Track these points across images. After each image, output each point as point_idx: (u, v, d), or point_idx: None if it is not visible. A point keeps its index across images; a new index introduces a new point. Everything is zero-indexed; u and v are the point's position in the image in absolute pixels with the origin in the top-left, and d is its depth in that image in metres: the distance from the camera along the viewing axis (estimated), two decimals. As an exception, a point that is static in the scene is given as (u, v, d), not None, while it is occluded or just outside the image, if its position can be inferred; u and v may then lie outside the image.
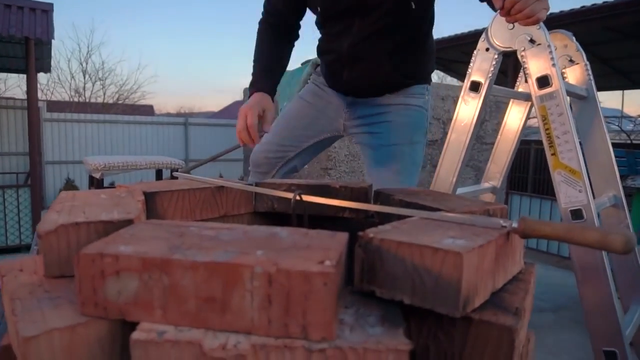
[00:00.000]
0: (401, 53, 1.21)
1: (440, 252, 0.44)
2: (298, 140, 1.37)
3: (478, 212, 0.72)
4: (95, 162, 1.79)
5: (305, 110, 1.40)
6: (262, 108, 1.17)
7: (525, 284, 0.56)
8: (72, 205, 0.63)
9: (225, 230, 0.50)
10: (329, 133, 1.38)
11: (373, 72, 1.25)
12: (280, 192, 0.86)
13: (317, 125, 1.38)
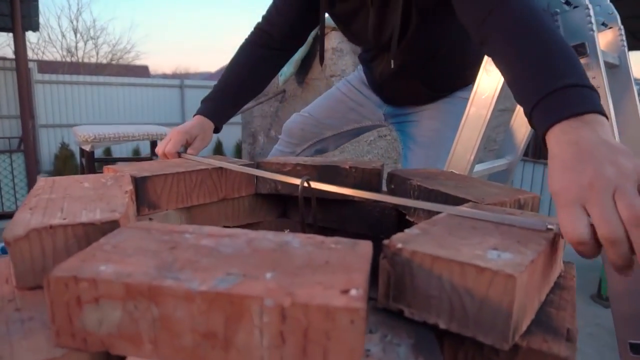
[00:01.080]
0: (437, 78, 1.14)
1: (487, 272, 0.36)
2: (339, 121, 1.32)
3: (509, 203, 0.64)
4: (85, 134, 1.69)
5: (351, 95, 1.33)
6: (193, 136, 1.06)
7: (570, 293, 0.49)
8: (48, 199, 0.55)
9: (225, 238, 0.42)
10: (371, 121, 1.33)
11: (410, 96, 1.20)
12: (288, 178, 0.78)
13: (361, 111, 1.32)
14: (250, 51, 1.14)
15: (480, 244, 0.42)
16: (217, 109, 1.10)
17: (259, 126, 3.87)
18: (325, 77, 2.82)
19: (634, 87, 1.06)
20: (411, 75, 1.15)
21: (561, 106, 0.55)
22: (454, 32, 1.07)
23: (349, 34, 1.16)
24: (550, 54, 0.61)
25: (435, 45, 1.09)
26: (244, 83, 1.12)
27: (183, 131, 1.06)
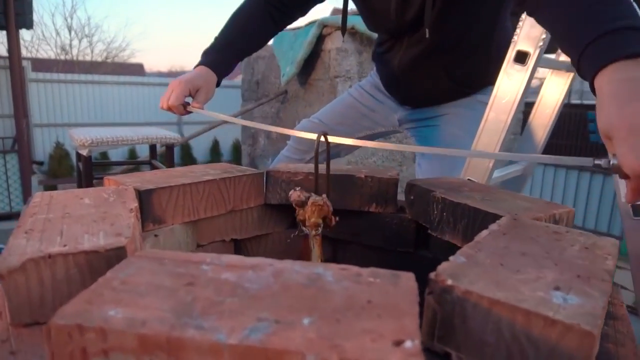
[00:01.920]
0: (460, 66, 1.08)
1: (558, 324, 0.31)
2: (351, 128, 1.27)
3: (543, 218, 0.60)
4: (82, 138, 1.62)
5: (363, 100, 1.28)
6: (196, 87, 1.02)
7: (625, 324, 0.45)
8: (45, 220, 0.50)
9: (249, 271, 0.37)
10: (384, 127, 1.29)
11: (429, 88, 1.13)
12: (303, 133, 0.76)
13: (374, 117, 1.27)
14: (255, 5, 1.12)
15: (538, 279, 0.37)
16: (221, 60, 1.08)
17: (259, 127, 3.80)
18: (329, 77, 2.76)
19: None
20: (435, 60, 1.08)
21: (615, 47, 0.54)
22: (482, 17, 1.04)
23: (369, 12, 1.11)
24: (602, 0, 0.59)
25: (462, 26, 1.03)
26: (248, 36, 1.10)
27: (185, 80, 1.02)
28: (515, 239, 0.47)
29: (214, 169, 0.83)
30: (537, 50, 0.86)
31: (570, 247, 0.47)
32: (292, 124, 3.31)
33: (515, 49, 0.88)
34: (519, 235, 0.48)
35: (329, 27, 2.76)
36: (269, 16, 1.13)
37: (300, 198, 0.70)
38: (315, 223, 0.70)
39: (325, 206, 0.69)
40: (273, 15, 1.13)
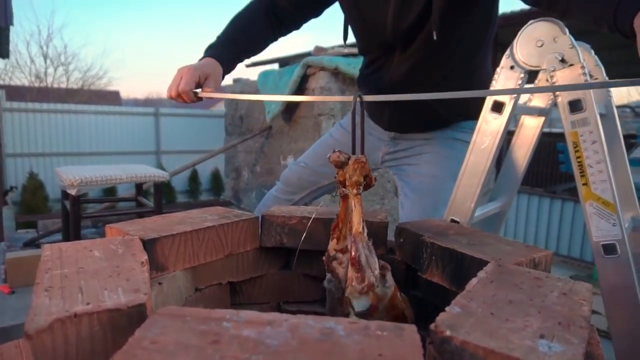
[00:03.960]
0: (447, 88, 1.13)
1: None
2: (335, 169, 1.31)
3: (524, 263, 0.65)
4: (70, 177, 1.62)
5: (344, 140, 1.31)
6: (205, 74, 1.03)
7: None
8: (62, 276, 0.52)
9: (267, 327, 0.41)
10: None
11: (417, 108, 1.14)
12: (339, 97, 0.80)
13: None
14: (256, 12, 1.17)
15: (525, 328, 0.41)
16: (226, 55, 1.09)
17: (243, 161, 3.85)
18: (313, 115, 2.85)
19: (620, 134, 1.11)
20: (425, 75, 1.12)
21: None
22: (472, 34, 1.11)
23: (363, 24, 1.15)
24: None
25: (455, 40, 1.08)
26: (249, 38, 1.15)
27: (194, 67, 1.01)
28: (501, 286, 0.52)
29: (211, 214, 0.87)
30: (512, 101, 0.94)
31: (550, 293, 0.52)
32: (276, 158, 3.36)
33: (492, 99, 0.96)
34: (504, 283, 0.53)
35: (313, 68, 2.87)
36: (270, 25, 1.18)
37: (340, 158, 0.70)
38: (357, 181, 0.69)
39: (367, 164, 0.69)
40: (273, 24, 1.19)
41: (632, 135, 5.39)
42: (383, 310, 0.64)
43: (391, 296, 0.66)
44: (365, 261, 0.64)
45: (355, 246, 0.65)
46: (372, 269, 0.65)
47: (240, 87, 4.06)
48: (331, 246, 0.75)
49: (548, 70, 0.89)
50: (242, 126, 3.93)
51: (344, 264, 0.72)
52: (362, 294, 0.63)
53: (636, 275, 0.90)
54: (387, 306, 0.65)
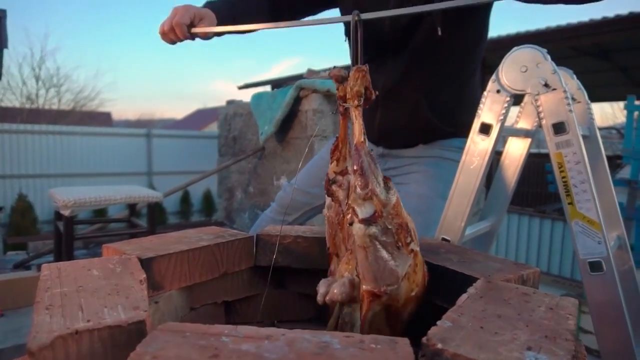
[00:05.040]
0: (440, 96, 1.15)
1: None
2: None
3: (513, 279, 0.67)
4: (65, 199, 1.63)
5: None
6: (200, 16, 1.04)
7: (588, 377, 0.51)
8: (62, 294, 0.53)
9: (265, 341, 0.42)
10: None
11: (408, 116, 1.16)
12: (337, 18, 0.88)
13: None
14: None
15: (513, 340, 0.43)
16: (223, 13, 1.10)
17: (236, 181, 3.86)
18: (306, 136, 2.89)
19: (604, 155, 1.15)
20: (417, 83, 1.15)
21: None
22: (466, 41, 1.14)
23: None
24: None
25: (451, 44, 1.11)
26: (247, 7, 1.17)
27: (190, 6, 1.02)
28: (491, 302, 0.54)
29: (206, 234, 0.88)
30: (498, 123, 0.97)
31: (537, 307, 0.53)
32: (269, 179, 3.38)
33: (479, 121, 0.99)
34: (493, 298, 0.55)
35: (306, 90, 2.92)
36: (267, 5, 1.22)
37: (341, 73, 0.69)
38: (359, 92, 0.68)
39: (368, 74, 0.69)
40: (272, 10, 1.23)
41: (618, 156, 5.50)
42: (387, 217, 0.62)
43: (395, 203, 0.64)
44: (368, 167, 0.63)
45: (357, 154, 0.64)
46: (375, 176, 0.63)
47: (234, 108, 4.11)
48: (331, 169, 0.74)
49: (532, 94, 0.93)
50: (235, 147, 3.96)
51: (344, 186, 0.71)
52: (366, 200, 0.61)
53: (623, 292, 0.92)
54: (392, 213, 0.63)
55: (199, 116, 22.85)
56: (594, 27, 4.31)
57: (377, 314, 0.62)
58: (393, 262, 0.61)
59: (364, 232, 0.59)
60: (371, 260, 0.60)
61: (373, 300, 0.61)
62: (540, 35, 4.50)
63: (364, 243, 0.60)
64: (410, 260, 0.64)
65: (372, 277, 0.60)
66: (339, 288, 0.65)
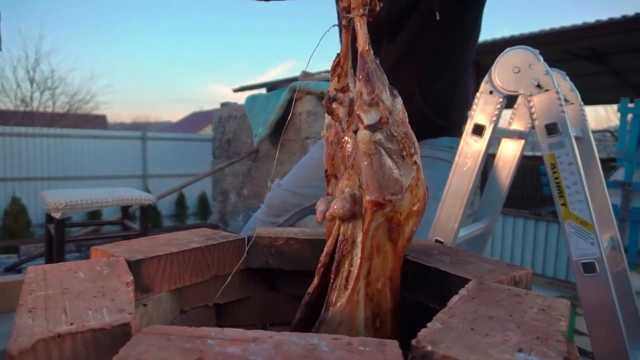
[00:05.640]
0: (432, 88, 1.15)
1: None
2: (316, 189, 1.32)
3: (505, 280, 0.66)
4: (56, 201, 1.61)
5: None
6: None
7: (581, 379, 0.51)
8: (46, 297, 0.52)
9: (251, 344, 0.41)
10: None
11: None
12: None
13: None
14: None
15: (504, 342, 0.43)
16: None
17: (231, 184, 3.85)
18: (300, 138, 2.88)
19: (597, 156, 1.15)
20: (411, 71, 1.15)
21: None
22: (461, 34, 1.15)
23: None
24: None
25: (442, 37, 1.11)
26: None
27: None
28: (482, 303, 0.53)
29: (197, 236, 0.87)
30: (491, 124, 0.97)
31: (529, 309, 0.53)
32: (264, 182, 3.37)
33: (472, 122, 0.99)
34: (485, 300, 0.54)
35: (300, 92, 2.92)
36: None
37: None
38: (364, 0, 0.65)
39: None
40: None
41: (612, 158, 5.52)
42: (393, 124, 0.61)
43: (400, 111, 0.63)
44: (374, 73, 0.61)
45: (363, 60, 0.62)
46: (381, 82, 0.62)
47: (228, 111, 4.09)
48: (331, 86, 0.72)
49: (525, 95, 0.93)
50: (230, 149, 3.95)
51: (345, 104, 0.70)
52: (372, 106, 0.59)
53: (616, 294, 0.92)
54: (397, 121, 0.62)
55: (194, 119, 22.80)
56: (587, 30, 4.34)
57: (379, 226, 0.61)
58: (397, 170, 0.60)
59: (369, 139, 0.58)
60: (376, 168, 0.58)
61: (376, 211, 0.59)
62: (534, 38, 4.52)
63: (369, 150, 0.58)
64: (414, 172, 0.62)
65: (377, 185, 0.58)
66: (340, 202, 0.63)
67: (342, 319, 0.62)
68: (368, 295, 0.63)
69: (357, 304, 0.62)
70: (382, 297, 0.64)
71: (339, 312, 0.62)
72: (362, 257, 0.62)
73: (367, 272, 0.62)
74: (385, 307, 0.65)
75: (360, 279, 0.62)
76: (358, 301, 0.62)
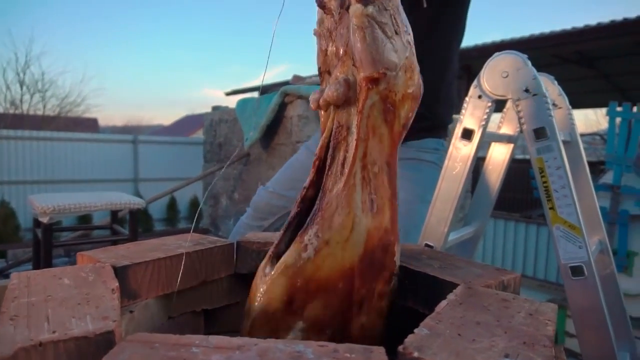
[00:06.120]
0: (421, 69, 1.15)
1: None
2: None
3: (493, 285, 0.66)
4: (44, 205, 1.59)
5: (310, 162, 1.34)
6: None
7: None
8: (29, 304, 0.51)
9: (236, 351, 0.41)
10: None
11: None
12: None
13: None
14: None
15: (491, 348, 0.42)
16: None
17: (221, 188, 3.84)
18: (291, 142, 2.88)
19: (585, 160, 1.16)
20: None
21: None
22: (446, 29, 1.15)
23: None
24: None
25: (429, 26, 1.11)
26: None
27: None
28: (470, 308, 0.53)
29: (185, 241, 0.86)
30: (480, 129, 0.97)
31: (517, 313, 0.53)
32: (254, 185, 3.36)
33: (462, 127, 0.99)
34: (473, 305, 0.54)
35: (291, 96, 2.92)
36: None
37: None
38: None
39: None
40: None
41: (602, 161, 5.58)
42: None
43: None
44: None
45: None
46: None
47: (219, 114, 4.08)
48: None
49: (513, 100, 0.93)
50: (221, 153, 3.93)
51: None
52: None
53: (604, 297, 0.92)
54: None
55: (186, 122, 22.71)
56: (576, 35, 4.39)
57: (374, 105, 0.60)
58: (391, 45, 0.59)
59: (361, 12, 0.57)
60: (369, 42, 0.58)
61: (371, 88, 0.59)
62: (524, 42, 4.57)
63: (361, 23, 0.57)
64: (407, 51, 0.62)
65: (370, 59, 0.58)
66: (334, 86, 0.61)
67: (338, 203, 0.60)
68: (365, 179, 0.61)
69: (354, 187, 0.60)
70: (379, 182, 0.62)
71: (335, 197, 0.60)
72: (358, 139, 0.60)
73: (363, 154, 0.61)
74: (382, 194, 0.63)
75: (356, 161, 0.60)
76: (355, 184, 0.60)
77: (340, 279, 0.60)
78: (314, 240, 0.59)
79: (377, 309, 0.65)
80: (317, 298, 0.60)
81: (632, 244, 3.00)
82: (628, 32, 4.21)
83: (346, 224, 0.59)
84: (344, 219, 0.59)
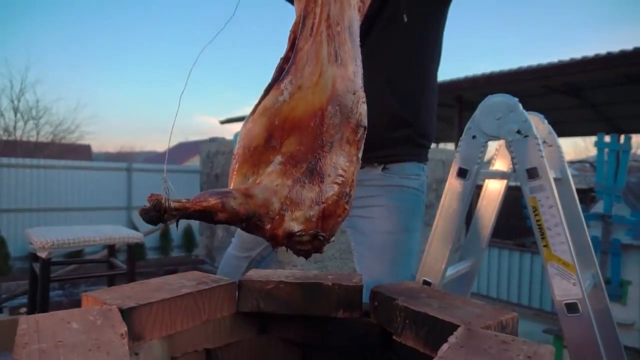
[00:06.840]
0: (401, 83, 1.15)
1: None
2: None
3: (492, 326, 0.68)
4: (42, 240, 1.59)
5: None
6: None
7: None
8: (40, 350, 0.52)
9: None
10: None
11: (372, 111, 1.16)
12: None
13: None
14: None
15: (493, 394, 0.44)
16: None
17: (218, 218, 3.83)
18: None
19: (575, 195, 1.19)
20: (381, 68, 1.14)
21: None
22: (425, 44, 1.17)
23: None
24: None
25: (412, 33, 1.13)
26: None
27: None
28: (471, 351, 0.55)
29: (188, 280, 0.87)
30: (475, 167, 1.01)
31: (516, 356, 0.55)
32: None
33: (457, 166, 1.02)
34: (473, 348, 0.56)
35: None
36: None
37: None
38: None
39: None
40: None
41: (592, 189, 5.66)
42: None
43: None
44: None
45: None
46: None
47: (217, 146, 4.12)
48: None
49: (506, 140, 0.97)
50: (218, 185, 3.95)
51: None
52: None
53: (598, 330, 0.94)
54: None
55: (180, 149, 22.76)
56: (563, 67, 4.53)
57: None
58: None
59: None
60: None
61: None
62: (513, 74, 4.69)
63: None
64: None
65: None
66: None
67: (308, 56, 0.73)
68: (329, 36, 0.74)
69: (321, 43, 0.73)
70: (342, 40, 0.75)
71: (306, 52, 0.73)
72: (322, 4, 0.75)
73: (327, 16, 0.75)
74: (346, 50, 0.75)
75: (322, 22, 0.74)
76: (321, 41, 0.74)
77: (311, 118, 0.71)
78: (289, 86, 0.72)
79: (347, 152, 0.73)
80: (292, 135, 0.71)
81: (625, 273, 3.02)
82: (612, 65, 4.35)
83: (315, 71, 0.72)
84: (313, 68, 0.72)
